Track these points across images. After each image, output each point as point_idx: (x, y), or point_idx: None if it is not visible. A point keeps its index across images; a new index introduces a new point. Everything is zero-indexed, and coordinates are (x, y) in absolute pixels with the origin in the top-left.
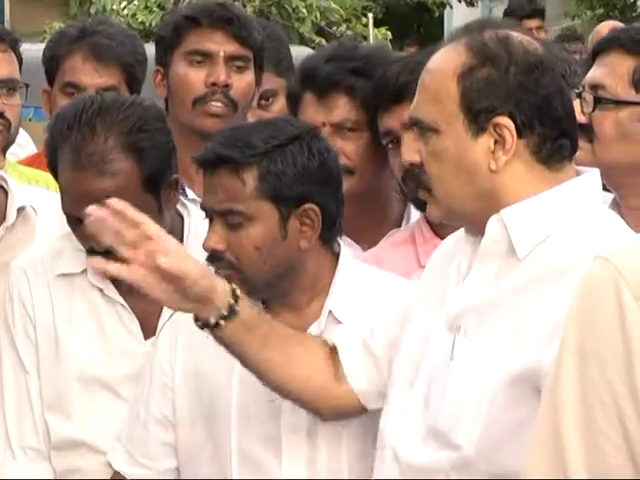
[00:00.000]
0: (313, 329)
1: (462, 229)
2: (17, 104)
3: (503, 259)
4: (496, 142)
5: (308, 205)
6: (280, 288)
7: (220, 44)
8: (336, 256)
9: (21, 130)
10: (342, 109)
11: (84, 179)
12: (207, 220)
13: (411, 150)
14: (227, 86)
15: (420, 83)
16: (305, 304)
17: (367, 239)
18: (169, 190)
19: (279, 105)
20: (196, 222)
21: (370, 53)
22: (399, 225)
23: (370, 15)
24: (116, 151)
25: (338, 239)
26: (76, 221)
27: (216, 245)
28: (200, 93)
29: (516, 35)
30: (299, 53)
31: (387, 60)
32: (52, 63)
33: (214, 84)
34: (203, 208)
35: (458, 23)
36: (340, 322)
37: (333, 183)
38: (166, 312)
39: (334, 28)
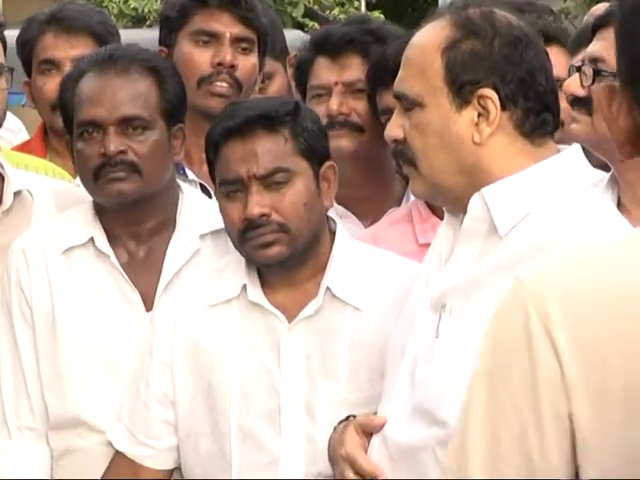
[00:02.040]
0: (311, 306)
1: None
2: (2, 88)
3: (485, 238)
4: (480, 115)
5: (330, 162)
6: (306, 254)
7: (227, 25)
8: (333, 234)
9: (14, 117)
10: (355, 69)
11: (108, 79)
12: (202, 201)
13: (394, 126)
14: (233, 67)
15: (404, 58)
16: (304, 280)
17: (369, 214)
18: (178, 134)
19: (276, 87)
20: (191, 204)
21: (384, 22)
22: (399, 204)
23: None
24: (138, 66)
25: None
26: (90, 130)
27: (263, 209)
28: (205, 73)
29: (500, 11)
30: (292, 37)
31: (398, 31)
32: (25, 49)
33: (220, 64)
34: (232, 181)
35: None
36: (338, 299)
37: None
38: (162, 284)
39: (327, 12)
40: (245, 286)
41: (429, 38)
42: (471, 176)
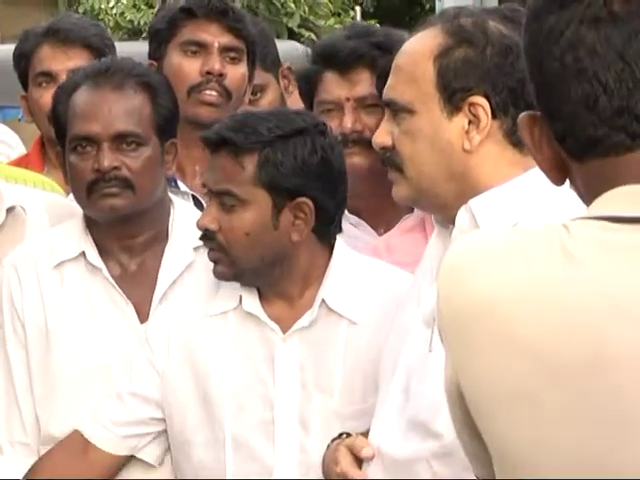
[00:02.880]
0: (306, 318)
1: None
2: None
3: None
4: (470, 122)
5: (302, 199)
6: (269, 276)
7: (215, 35)
8: (331, 247)
9: (11, 131)
10: (365, 84)
11: (103, 94)
12: (193, 214)
13: (382, 133)
14: (221, 75)
15: (394, 65)
16: (297, 294)
17: (382, 223)
18: (171, 149)
19: (267, 99)
20: (180, 216)
21: (387, 31)
22: (411, 212)
23: (357, 8)
24: (132, 82)
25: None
26: (84, 144)
27: (209, 224)
28: (195, 82)
29: (491, 21)
30: (288, 48)
31: (403, 38)
32: (21, 62)
33: (209, 73)
34: (203, 187)
35: None
36: (333, 311)
37: (334, 180)
38: (157, 296)
39: (323, 22)
40: (241, 297)
41: (421, 45)
42: (460, 183)
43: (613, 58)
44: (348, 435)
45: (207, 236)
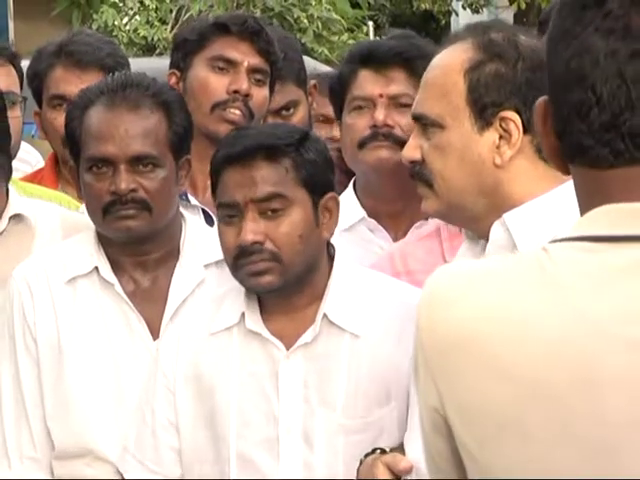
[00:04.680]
0: (309, 334)
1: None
2: (16, 116)
3: None
4: (501, 137)
5: (331, 194)
6: (300, 284)
7: (245, 55)
8: (332, 259)
9: (33, 150)
10: (400, 83)
11: (118, 115)
12: (204, 230)
13: (411, 147)
14: (248, 95)
15: (424, 80)
16: (302, 307)
17: (400, 229)
18: (184, 166)
19: (300, 115)
20: (194, 233)
21: (426, 40)
22: (427, 219)
23: (370, 23)
24: (149, 101)
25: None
26: (100, 166)
27: (256, 237)
28: (220, 99)
29: (522, 35)
30: None
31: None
32: (35, 81)
33: (236, 92)
34: (229, 204)
35: None
36: (335, 325)
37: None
38: (168, 313)
39: (336, 38)
40: (243, 314)
41: (452, 60)
42: (490, 197)
43: (613, 72)
44: (382, 451)
45: (253, 250)
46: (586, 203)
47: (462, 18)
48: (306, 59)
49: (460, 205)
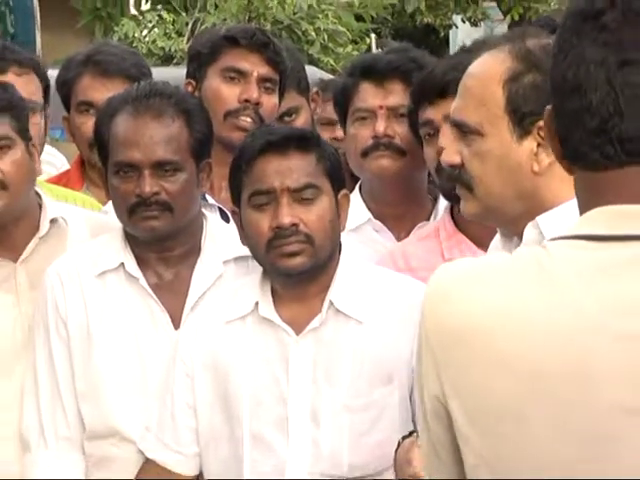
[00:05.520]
0: (317, 320)
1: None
2: (36, 122)
3: None
4: (539, 145)
5: (344, 191)
6: (321, 269)
7: (255, 65)
8: (339, 253)
9: (59, 154)
10: (398, 95)
11: (144, 122)
12: (223, 227)
13: (451, 152)
14: (258, 104)
15: (462, 87)
16: (312, 296)
17: (403, 230)
18: (205, 168)
19: (301, 120)
20: (213, 230)
21: (423, 51)
22: (428, 220)
23: (373, 36)
24: (171, 109)
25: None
26: (126, 170)
27: (293, 219)
28: (232, 107)
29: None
30: (309, 73)
31: (433, 60)
32: (64, 88)
33: (247, 100)
34: (265, 191)
35: (462, 42)
36: (341, 312)
37: None
38: (188, 305)
39: (341, 49)
40: (257, 303)
41: (489, 69)
42: (527, 202)
43: (602, 80)
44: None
45: (287, 232)
46: (584, 204)
47: (461, 31)
48: (312, 69)
49: (498, 209)
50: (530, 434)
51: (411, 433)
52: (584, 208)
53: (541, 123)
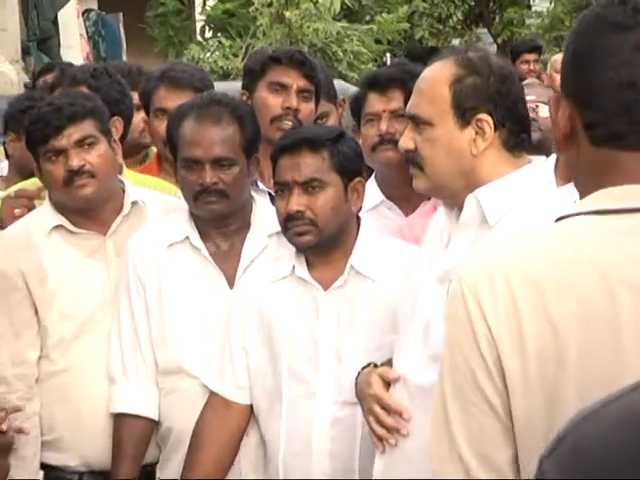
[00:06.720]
0: (340, 279)
1: (441, 208)
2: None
3: (478, 228)
4: (477, 133)
5: (359, 179)
6: (334, 241)
7: (294, 79)
8: (359, 226)
9: None
10: (397, 100)
11: (206, 126)
12: (269, 208)
13: (407, 139)
14: (297, 110)
15: (417, 88)
16: (337, 260)
17: (410, 208)
18: (254, 162)
19: (331, 122)
20: (261, 210)
21: (416, 65)
22: (429, 199)
23: (388, 55)
24: (227, 115)
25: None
26: (192, 164)
27: (299, 207)
28: (276, 114)
29: (492, 55)
30: (338, 85)
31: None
32: (145, 98)
33: (288, 108)
34: (282, 183)
35: None
36: (360, 273)
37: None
38: (240, 269)
39: (364, 66)
40: (294, 267)
41: (438, 73)
42: (467, 179)
43: None
44: (376, 365)
45: (296, 217)
46: (600, 180)
47: None
48: (341, 82)
49: (444, 184)
50: (567, 371)
51: (368, 365)
52: (600, 184)
53: (479, 116)
